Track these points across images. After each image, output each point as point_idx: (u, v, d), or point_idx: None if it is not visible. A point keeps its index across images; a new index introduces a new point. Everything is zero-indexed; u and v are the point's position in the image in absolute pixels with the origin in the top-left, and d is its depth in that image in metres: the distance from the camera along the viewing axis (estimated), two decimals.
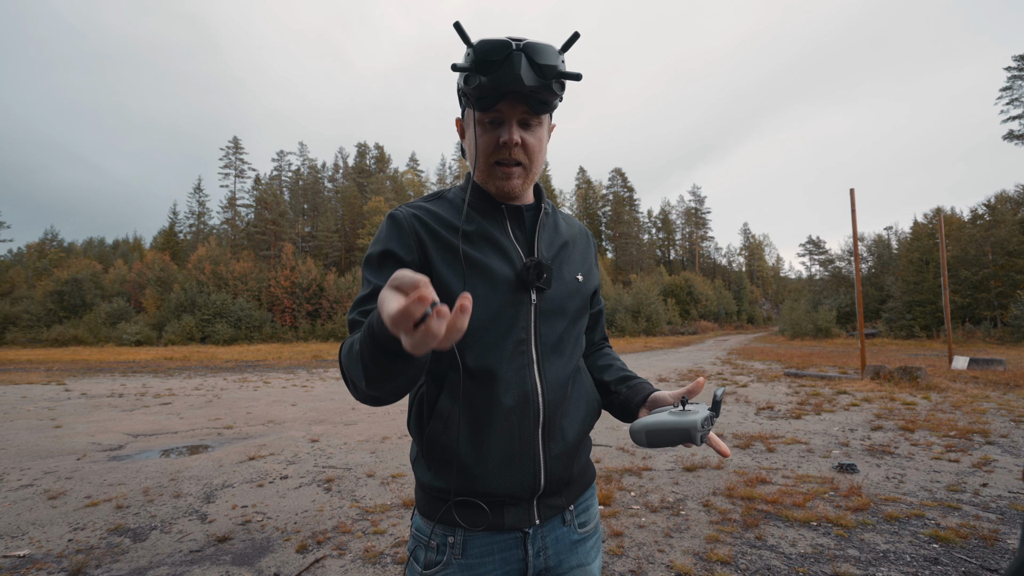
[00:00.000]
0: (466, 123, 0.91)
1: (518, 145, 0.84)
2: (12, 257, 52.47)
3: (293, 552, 2.88)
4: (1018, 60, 32.35)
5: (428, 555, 0.84)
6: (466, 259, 0.85)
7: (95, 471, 4.61)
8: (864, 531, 3.01)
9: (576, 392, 0.91)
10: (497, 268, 0.85)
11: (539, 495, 0.85)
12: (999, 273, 28.96)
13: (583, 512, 0.93)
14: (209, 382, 12.50)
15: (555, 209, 1.02)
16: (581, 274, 0.95)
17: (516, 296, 0.85)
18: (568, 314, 0.91)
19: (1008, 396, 7.91)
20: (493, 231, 0.89)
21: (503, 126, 0.84)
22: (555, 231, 0.97)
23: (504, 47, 0.78)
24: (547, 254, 0.91)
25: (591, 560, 0.92)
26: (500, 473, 0.81)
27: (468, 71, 0.80)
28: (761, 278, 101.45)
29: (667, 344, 32.42)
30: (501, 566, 0.83)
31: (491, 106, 0.82)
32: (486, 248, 0.88)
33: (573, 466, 0.89)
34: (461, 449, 0.81)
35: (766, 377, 11.63)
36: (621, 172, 77.24)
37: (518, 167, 0.87)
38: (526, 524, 0.84)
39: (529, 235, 0.93)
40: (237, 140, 61.18)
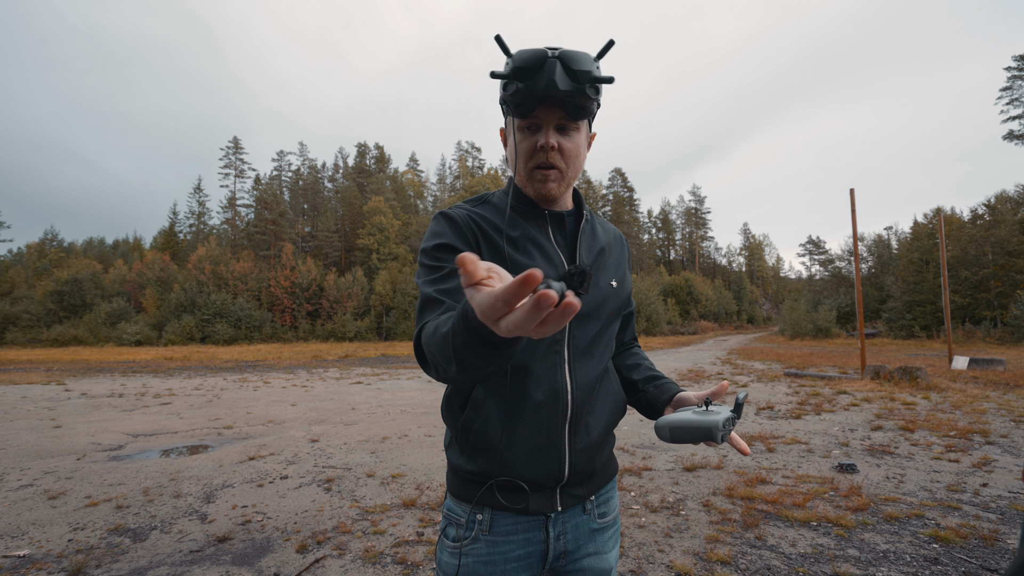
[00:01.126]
0: (508, 130, 0.94)
1: (555, 149, 0.88)
2: (12, 257, 52.48)
3: (293, 552, 2.88)
4: (1018, 60, 32.35)
5: (458, 531, 0.89)
6: (512, 262, 0.88)
7: (95, 471, 4.61)
8: (864, 531, 3.01)
9: (603, 392, 0.95)
10: (546, 272, 0.88)
11: (562, 484, 0.90)
12: (999, 273, 28.96)
13: (604, 503, 0.98)
14: (209, 382, 12.50)
15: (594, 215, 1.06)
16: (615, 280, 0.99)
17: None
18: (602, 319, 0.94)
19: (1008, 396, 7.91)
20: (537, 235, 0.93)
21: (541, 131, 0.88)
22: (594, 237, 1.00)
23: (540, 55, 0.82)
24: (587, 260, 0.95)
25: (608, 549, 0.96)
26: (528, 461, 0.86)
27: (507, 78, 0.84)
28: (761, 278, 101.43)
29: (667, 344, 32.42)
30: (524, 545, 0.89)
31: (529, 112, 0.86)
32: (531, 251, 0.91)
33: (596, 460, 0.93)
34: (493, 437, 0.86)
35: (766, 377, 11.62)
36: (621, 172, 77.25)
37: (554, 171, 0.90)
38: (549, 510, 0.89)
39: (571, 240, 0.96)
40: (237, 140, 61.17)
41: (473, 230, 0.90)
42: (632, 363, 1.10)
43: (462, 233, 0.89)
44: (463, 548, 0.88)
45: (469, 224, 0.91)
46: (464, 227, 0.90)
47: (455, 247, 0.87)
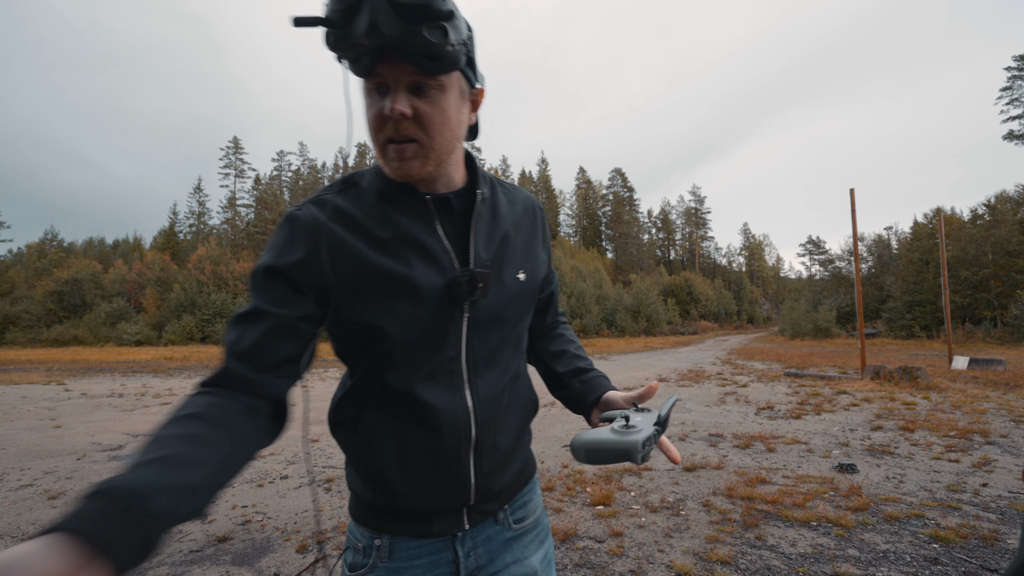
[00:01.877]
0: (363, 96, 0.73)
1: (406, 116, 0.67)
2: (12, 257, 52.49)
3: (293, 552, 2.88)
4: (1018, 60, 32.36)
5: (355, 557, 0.80)
6: (385, 273, 0.72)
7: (95, 471, 4.61)
8: (864, 531, 3.01)
9: (513, 401, 0.84)
10: (423, 280, 0.72)
11: (470, 506, 0.80)
12: (999, 273, 28.97)
13: (519, 509, 0.87)
14: None
15: (494, 185, 0.87)
16: (524, 272, 0.83)
17: (446, 311, 0.74)
18: (506, 322, 0.81)
19: (1008, 396, 7.91)
20: (416, 231, 0.75)
21: (390, 93, 0.68)
22: (494, 220, 0.82)
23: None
24: (485, 255, 0.78)
25: (529, 554, 0.86)
26: (427, 492, 0.77)
27: (313, 24, 0.62)
28: (761, 278, 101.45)
29: (667, 344, 32.42)
30: (431, 568, 0.79)
31: (371, 70, 0.66)
32: (410, 255, 0.73)
33: (506, 475, 0.84)
34: (386, 467, 0.76)
35: (766, 377, 11.62)
36: (621, 172, 77.27)
37: (412, 144, 0.70)
38: (455, 530, 0.80)
39: (463, 231, 0.78)
40: (237, 140, 61.23)
41: (320, 240, 0.71)
42: (556, 350, 0.97)
43: (303, 247, 0.71)
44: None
45: (316, 233, 0.72)
46: (308, 238, 0.71)
47: (289, 272, 0.70)
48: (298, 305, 0.70)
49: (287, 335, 0.70)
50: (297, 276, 0.70)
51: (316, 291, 0.72)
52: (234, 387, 0.67)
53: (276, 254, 0.72)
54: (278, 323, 0.69)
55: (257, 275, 0.72)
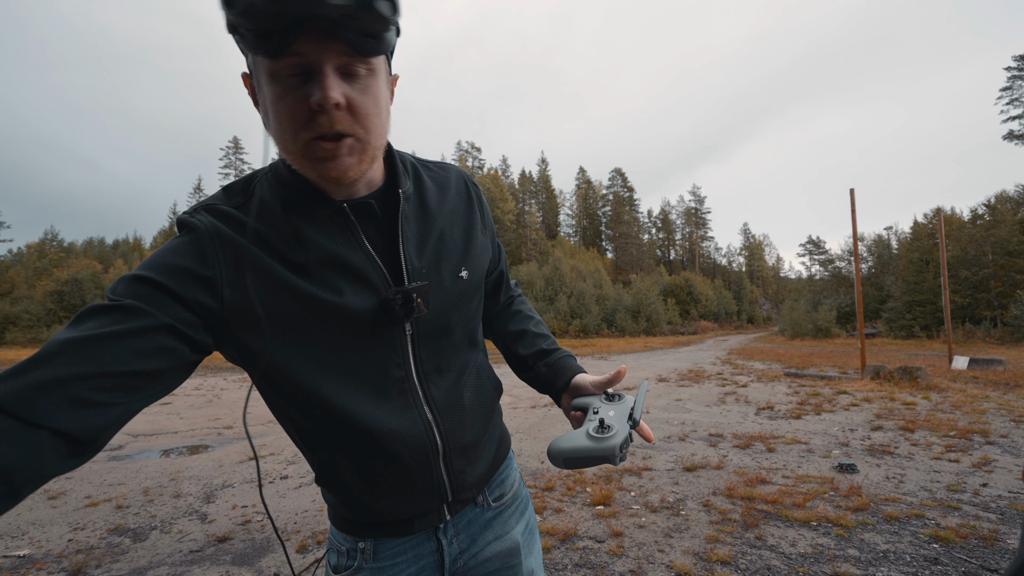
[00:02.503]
0: (256, 80, 0.58)
1: (341, 107, 0.55)
2: (12, 257, 52.47)
3: (293, 552, 2.88)
4: (1018, 60, 32.36)
5: (339, 559, 0.79)
6: (308, 301, 0.61)
7: (95, 471, 4.61)
8: (864, 531, 3.01)
9: (475, 396, 0.80)
10: (353, 304, 0.63)
11: (448, 502, 0.79)
12: (999, 273, 28.96)
13: (496, 488, 0.86)
14: (209, 382, 12.50)
15: (418, 173, 0.76)
16: (466, 268, 0.75)
17: (385, 332, 0.66)
18: (454, 328, 0.75)
19: (1008, 396, 7.91)
20: (337, 247, 0.64)
21: (314, 79, 0.54)
22: (424, 218, 0.72)
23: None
24: (419, 262, 0.69)
25: (511, 528, 0.85)
26: (401, 503, 0.74)
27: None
28: (761, 278, 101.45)
29: (667, 344, 32.42)
30: (415, 561, 0.78)
31: (285, 47, 0.52)
32: (334, 277, 0.63)
33: (480, 464, 0.81)
34: (353, 486, 0.72)
35: (766, 377, 11.62)
36: (621, 172, 77.26)
37: (348, 140, 0.58)
38: (437, 523, 0.79)
39: (390, 238, 0.68)
40: (237, 140, 61.22)
41: (224, 255, 0.60)
42: (516, 330, 0.92)
43: (202, 265, 0.58)
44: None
45: (220, 250, 0.60)
46: (208, 257, 0.59)
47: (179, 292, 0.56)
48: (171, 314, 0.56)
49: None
50: (193, 296, 0.57)
51: (215, 315, 0.59)
52: None
53: (165, 265, 0.58)
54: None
55: (138, 279, 0.56)
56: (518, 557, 0.85)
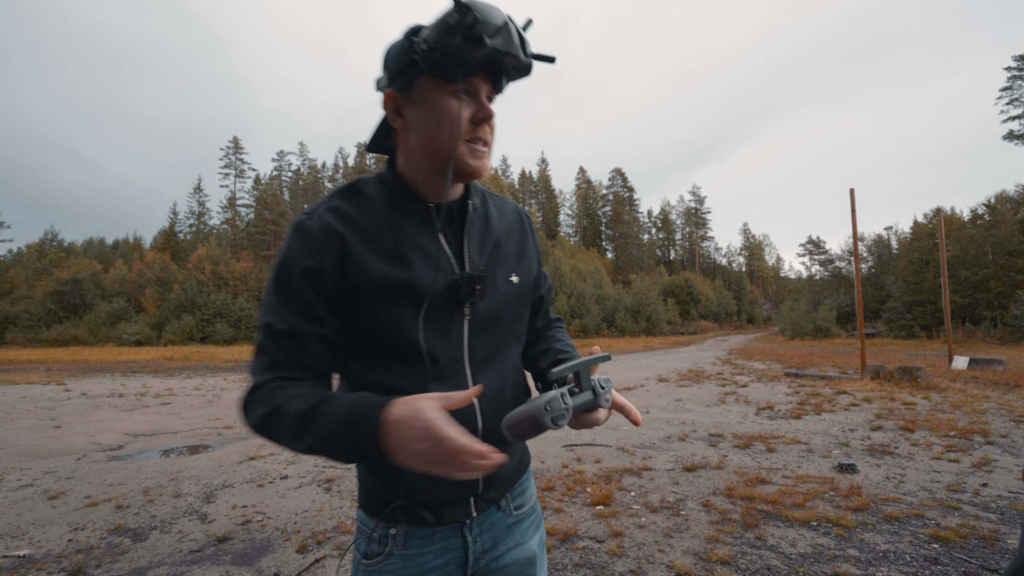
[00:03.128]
0: (416, 97, 0.75)
1: (491, 123, 0.77)
2: (12, 257, 52.47)
3: (293, 552, 2.88)
4: (1018, 60, 32.36)
5: (370, 546, 0.84)
6: (385, 280, 0.75)
7: (95, 471, 4.61)
8: (864, 531, 3.01)
9: (512, 393, 0.88)
10: (423, 281, 0.76)
11: (477, 495, 0.85)
12: (999, 273, 28.96)
13: (518, 496, 0.93)
14: (209, 382, 12.50)
15: (485, 197, 0.92)
16: (516, 275, 0.88)
17: (448, 312, 0.79)
18: (503, 323, 0.85)
19: (1008, 396, 7.91)
20: (420, 237, 0.79)
21: (477, 100, 0.75)
22: (486, 228, 0.87)
23: (502, 13, 0.70)
24: (479, 260, 0.83)
25: (528, 538, 0.92)
26: (439, 486, 0.79)
27: (473, 30, 0.67)
28: (761, 278, 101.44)
29: (667, 344, 32.41)
30: (441, 554, 0.84)
31: (471, 75, 0.72)
32: (412, 259, 0.77)
33: (508, 464, 0.89)
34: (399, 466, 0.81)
35: (766, 377, 11.62)
36: (621, 172, 77.26)
37: (487, 148, 0.78)
38: (464, 518, 0.84)
39: (459, 237, 0.83)
40: (237, 140, 61.25)
41: (333, 246, 0.75)
42: (542, 348, 0.98)
43: (318, 254, 0.74)
44: (377, 565, 0.82)
45: (328, 236, 0.75)
46: (322, 244, 0.75)
47: (307, 278, 0.73)
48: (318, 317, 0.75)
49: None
50: (316, 280, 0.74)
51: (336, 289, 0.75)
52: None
53: (295, 260, 0.75)
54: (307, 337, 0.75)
55: (280, 281, 0.75)
56: (534, 568, 0.91)
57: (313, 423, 0.65)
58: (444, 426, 0.58)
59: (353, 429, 0.63)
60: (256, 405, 0.70)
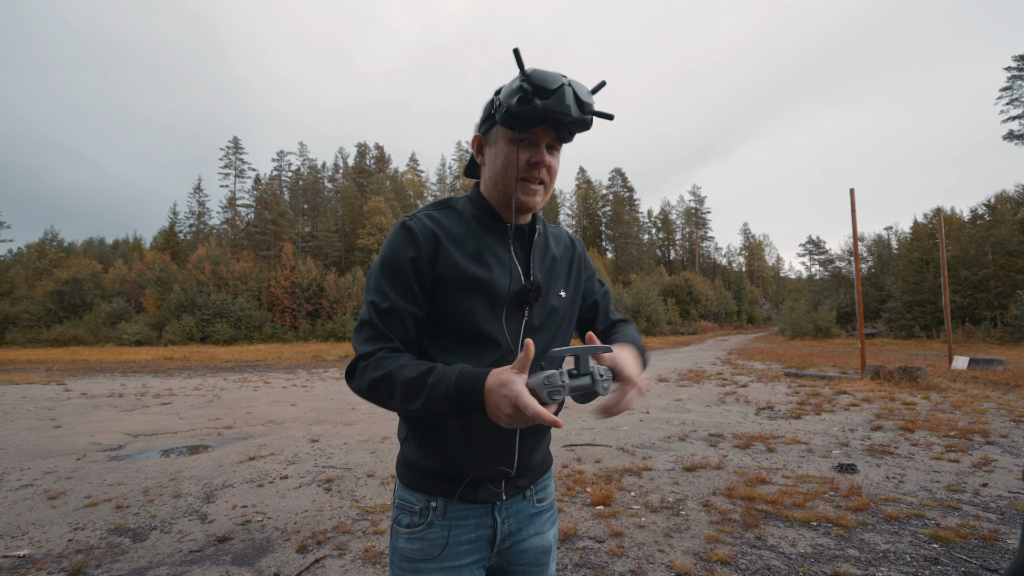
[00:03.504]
0: (492, 141, 0.97)
1: (546, 166, 0.94)
2: (12, 257, 52.45)
3: (293, 552, 2.88)
4: (1018, 60, 32.34)
5: (412, 518, 0.96)
6: (467, 274, 0.92)
7: (95, 471, 4.61)
8: (864, 531, 3.01)
9: None
10: (499, 283, 0.94)
11: (509, 478, 0.99)
12: (999, 273, 28.94)
13: (541, 491, 1.08)
14: (209, 382, 12.50)
15: (546, 225, 1.10)
16: (564, 291, 1.05)
17: (512, 311, 0.95)
18: (551, 330, 1.01)
19: (1008, 396, 7.91)
20: (497, 247, 0.97)
21: (536, 147, 0.93)
22: (546, 249, 1.05)
23: (559, 79, 0.87)
24: (540, 274, 1.00)
25: (546, 530, 1.07)
26: (483, 462, 0.95)
27: (527, 93, 0.86)
28: (761, 278, 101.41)
29: (667, 344, 32.41)
30: (475, 529, 0.97)
31: (530, 128, 0.90)
32: (489, 263, 0.95)
33: (538, 456, 1.05)
34: (453, 441, 0.93)
35: (766, 377, 11.62)
36: (621, 172, 77.22)
37: (541, 186, 0.96)
38: (495, 499, 0.98)
39: (527, 254, 1.01)
40: (237, 140, 61.16)
41: (429, 243, 0.93)
42: (611, 342, 1.09)
43: (418, 249, 0.92)
44: (419, 533, 0.95)
45: (426, 237, 0.93)
46: (421, 242, 0.93)
47: (409, 266, 0.91)
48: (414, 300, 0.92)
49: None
50: (416, 267, 0.91)
51: (429, 278, 0.92)
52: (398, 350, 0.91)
53: (397, 251, 0.92)
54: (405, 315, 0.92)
55: (386, 267, 0.93)
56: (548, 557, 1.06)
57: (425, 388, 0.79)
58: (524, 394, 0.71)
59: (459, 393, 0.77)
60: (367, 371, 0.85)
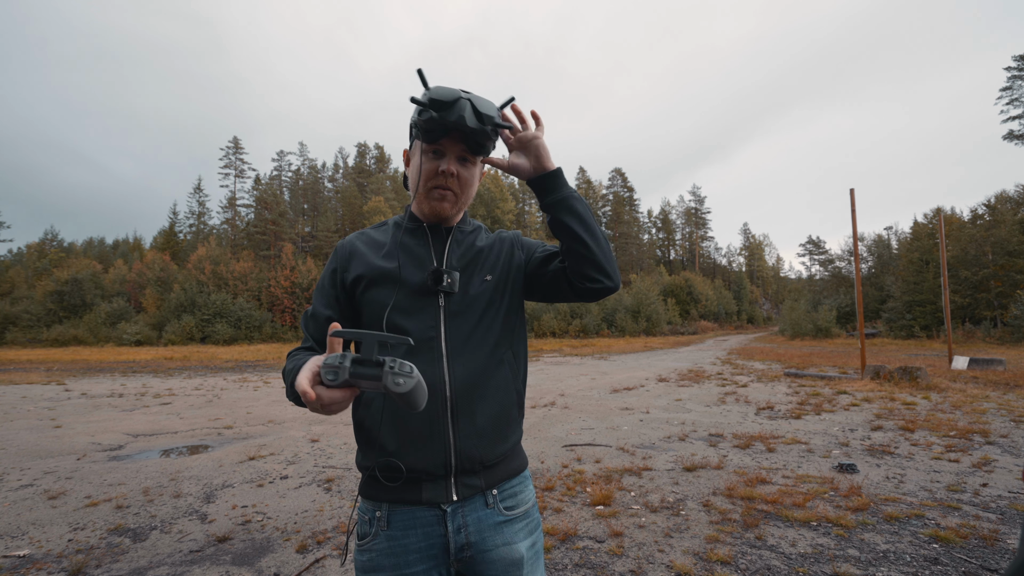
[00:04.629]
0: (412, 153, 1.05)
1: (453, 176, 1.00)
2: (12, 257, 52.44)
3: (293, 552, 2.88)
4: (1018, 60, 32.34)
5: (363, 528, 0.98)
6: (380, 269, 1.01)
7: (95, 471, 4.61)
8: (864, 531, 3.01)
9: (492, 383, 1.00)
10: (410, 276, 1.00)
11: (455, 473, 0.95)
12: (999, 273, 28.93)
13: (509, 498, 1.02)
14: (209, 382, 12.50)
15: (478, 228, 1.16)
16: (491, 275, 1.07)
17: (426, 300, 1.00)
18: (475, 314, 1.02)
19: (1008, 396, 7.91)
20: (414, 246, 1.05)
21: (444, 158, 1.00)
22: (471, 245, 1.09)
23: (455, 94, 0.94)
24: (457, 264, 1.05)
25: (519, 540, 1.00)
26: (414, 451, 0.94)
27: (423, 106, 0.94)
28: (761, 278, 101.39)
29: (667, 344, 32.40)
30: (424, 539, 0.94)
31: (436, 139, 0.97)
32: (405, 259, 1.02)
33: (488, 450, 0.98)
34: (381, 429, 0.95)
35: (766, 377, 11.62)
36: (621, 172, 77.24)
37: (450, 193, 1.02)
38: (443, 500, 0.95)
39: (442, 249, 1.07)
40: (237, 140, 61.17)
41: (346, 253, 1.06)
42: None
43: (338, 260, 1.06)
44: (367, 544, 0.96)
45: (345, 248, 1.07)
46: (340, 253, 1.07)
47: (328, 280, 1.05)
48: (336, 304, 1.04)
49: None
50: (332, 279, 1.05)
51: (342, 286, 1.04)
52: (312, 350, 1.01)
53: (325, 269, 1.07)
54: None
55: (319, 283, 1.08)
56: (520, 570, 0.98)
57: (288, 375, 0.91)
58: (304, 373, 0.73)
59: (293, 378, 0.84)
60: (285, 366, 0.96)
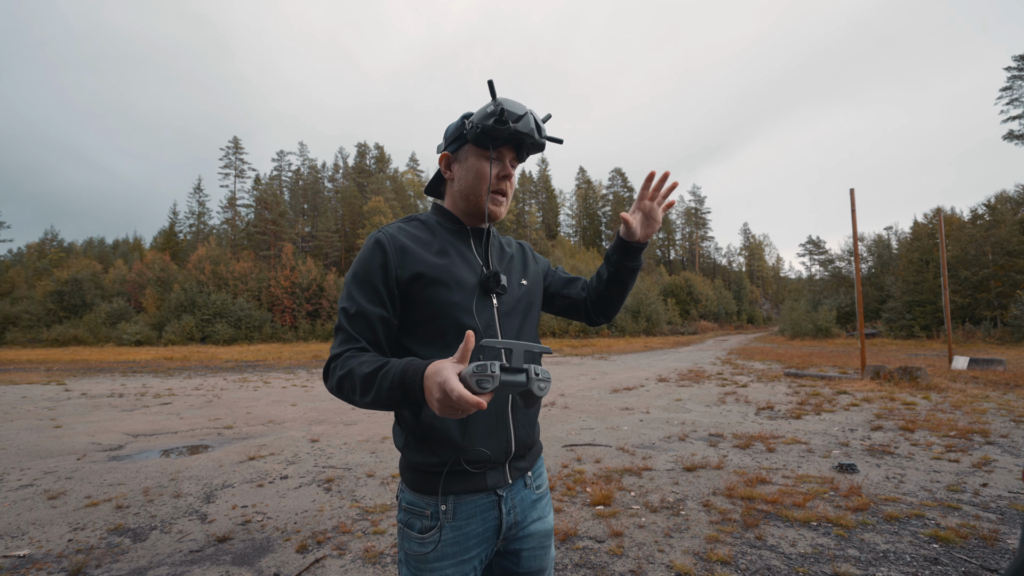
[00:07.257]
0: (461, 159, 1.10)
1: (510, 179, 1.10)
2: (12, 257, 52.44)
3: (293, 552, 2.88)
4: (1018, 60, 32.33)
5: (423, 522, 1.01)
6: (441, 267, 1.04)
7: (95, 471, 4.61)
8: (864, 531, 3.01)
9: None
10: (464, 275, 1.06)
11: (511, 459, 1.06)
12: (999, 273, 28.93)
13: (537, 477, 1.16)
14: (209, 382, 12.49)
15: (497, 232, 1.26)
16: (525, 279, 1.18)
17: (482, 300, 1.06)
18: (520, 312, 1.12)
19: (1008, 396, 7.91)
20: (459, 246, 1.12)
21: (502, 164, 1.08)
22: (502, 248, 1.21)
23: (524, 108, 1.04)
24: (498, 266, 1.15)
25: (546, 514, 1.15)
26: (484, 443, 1.01)
27: (501, 115, 1.02)
28: (761, 278, 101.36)
29: (667, 344, 32.40)
30: (482, 524, 1.03)
31: (499, 146, 1.06)
32: (455, 259, 1.08)
33: (532, 433, 1.12)
34: (452, 428, 0.99)
35: (766, 377, 11.62)
36: (621, 172, 77.26)
37: (505, 197, 1.12)
38: (502, 484, 1.05)
39: (485, 251, 1.16)
40: (237, 140, 61.16)
41: (398, 248, 1.04)
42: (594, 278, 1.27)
43: (387, 256, 1.03)
44: (431, 536, 1.00)
45: (395, 243, 1.05)
46: (389, 248, 1.04)
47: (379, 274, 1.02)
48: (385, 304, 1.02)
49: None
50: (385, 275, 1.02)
51: (398, 283, 1.03)
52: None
53: (369, 262, 1.03)
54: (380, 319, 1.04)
55: (358, 277, 1.03)
56: (550, 539, 1.14)
57: (376, 381, 0.87)
58: (452, 379, 0.75)
59: (403, 383, 0.84)
60: (336, 371, 0.94)
